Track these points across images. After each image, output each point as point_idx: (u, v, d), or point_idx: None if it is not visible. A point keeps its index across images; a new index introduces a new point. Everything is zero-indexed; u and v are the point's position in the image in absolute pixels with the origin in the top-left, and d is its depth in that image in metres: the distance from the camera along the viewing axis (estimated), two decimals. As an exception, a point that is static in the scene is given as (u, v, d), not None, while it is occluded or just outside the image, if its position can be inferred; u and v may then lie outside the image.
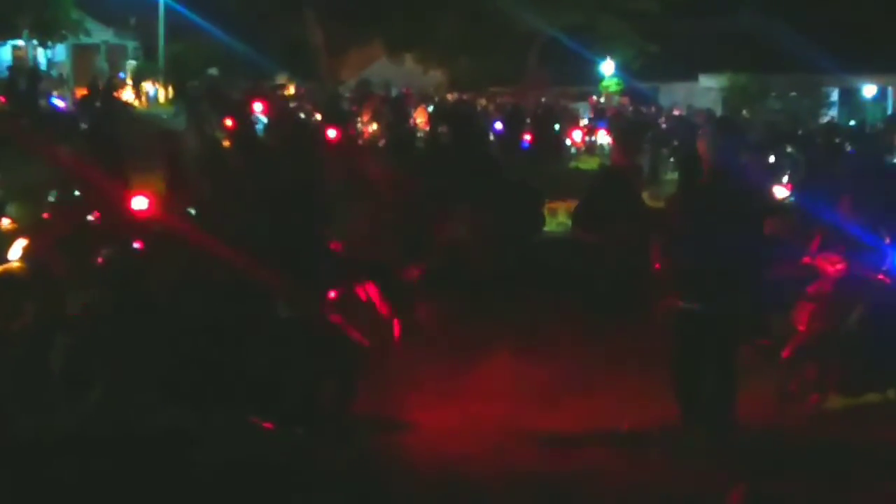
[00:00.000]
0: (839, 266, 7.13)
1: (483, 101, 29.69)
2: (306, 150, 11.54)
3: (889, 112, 34.49)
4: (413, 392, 6.75)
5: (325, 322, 6.32)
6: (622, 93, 35.75)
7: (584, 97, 33.57)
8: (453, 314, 8.18)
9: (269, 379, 6.11)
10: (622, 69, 35.24)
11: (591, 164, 20.96)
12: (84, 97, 24.02)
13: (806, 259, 7.35)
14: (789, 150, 16.92)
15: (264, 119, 19.68)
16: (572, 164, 22.40)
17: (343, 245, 6.89)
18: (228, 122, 16.78)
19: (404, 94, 27.23)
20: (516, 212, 9.86)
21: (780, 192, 10.33)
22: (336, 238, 6.91)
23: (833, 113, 35.17)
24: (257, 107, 20.61)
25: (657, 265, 6.72)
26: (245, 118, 18.12)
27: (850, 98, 37.13)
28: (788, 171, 14.42)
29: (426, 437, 6.24)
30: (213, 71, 30.79)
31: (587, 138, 24.77)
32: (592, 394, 7.02)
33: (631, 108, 30.96)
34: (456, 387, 7.01)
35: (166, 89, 32.01)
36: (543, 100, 29.70)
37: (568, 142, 23.84)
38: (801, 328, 7.05)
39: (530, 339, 7.92)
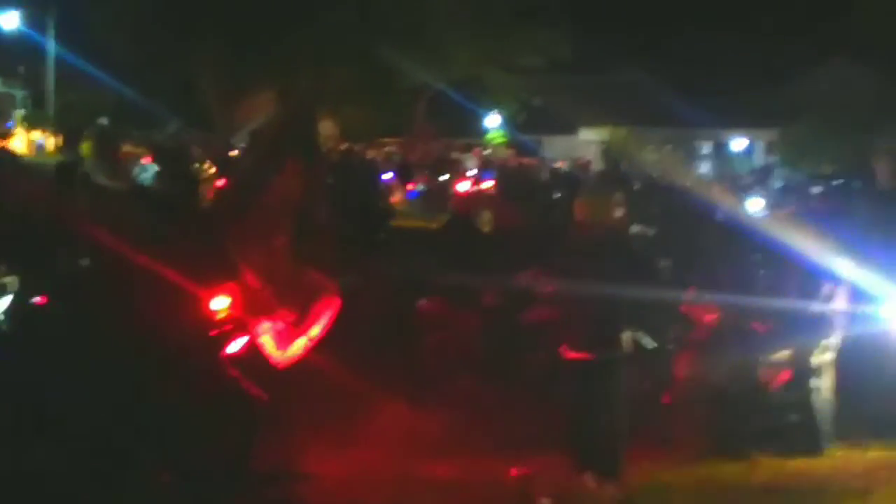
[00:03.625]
0: (713, 315, 7.52)
1: (372, 152, 29.86)
2: (195, 200, 11.39)
3: (756, 164, 36.02)
4: (311, 442, 6.76)
5: (223, 376, 6.29)
6: (507, 145, 36.46)
7: (469, 149, 34.08)
8: (349, 361, 8.19)
9: (167, 432, 6.04)
10: (507, 122, 35.96)
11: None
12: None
13: (683, 307, 7.70)
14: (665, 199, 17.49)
15: (153, 168, 19.29)
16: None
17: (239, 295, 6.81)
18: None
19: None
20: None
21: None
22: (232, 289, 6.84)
23: (705, 165, 36.57)
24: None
25: (543, 315, 6.95)
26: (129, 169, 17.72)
27: (720, 152, 38.70)
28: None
29: (323, 487, 6.29)
30: (104, 120, 30.13)
31: (473, 189, 25.09)
32: (485, 441, 7.15)
33: (517, 161, 31.55)
34: (353, 436, 7.09)
35: (56, 138, 31.19)
36: (432, 151, 30.07)
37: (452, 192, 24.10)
38: (679, 375, 7.41)
39: (424, 386, 8.01)
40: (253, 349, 6.42)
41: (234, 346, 6.36)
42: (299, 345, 6.37)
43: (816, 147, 29.93)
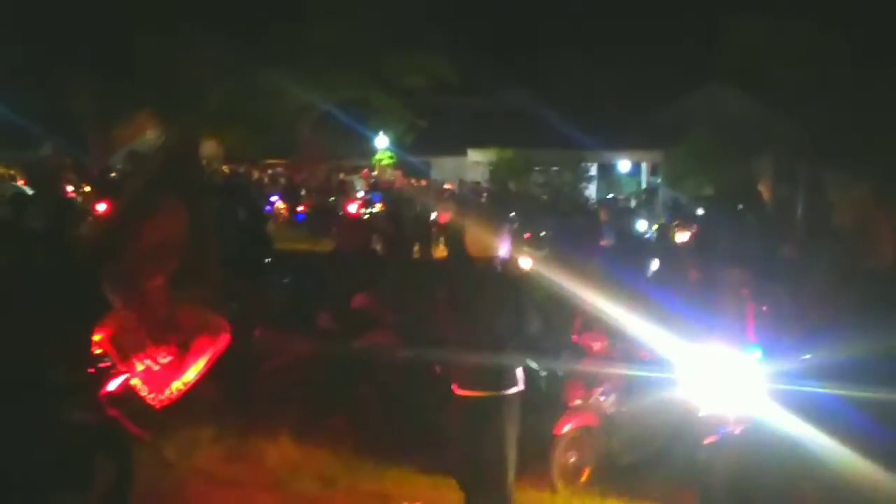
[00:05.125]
0: (602, 343, 7.45)
1: (257, 173, 29.45)
2: (68, 227, 10.95)
3: (643, 186, 36.86)
4: (193, 480, 6.65)
5: (102, 416, 5.99)
6: (395, 166, 36.40)
7: (357, 170, 33.92)
8: (234, 395, 7.98)
9: (42, 472, 5.72)
10: (395, 143, 35.93)
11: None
12: None
13: (574, 337, 7.62)
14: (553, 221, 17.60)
15: (27, 191, 18.68)
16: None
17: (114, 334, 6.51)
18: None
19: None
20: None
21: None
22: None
23: (592, 186, 37.19)
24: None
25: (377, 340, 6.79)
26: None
27: (607, 173, 39.43)
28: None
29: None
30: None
31: (362, 211, 24.98)
32: (379, 474, 7.07)
33: (405, 181, 31.61)
34: (236, 472, 6.92)
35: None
36: (319, 173, 29.83)
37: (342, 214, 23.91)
38: (569, 404, 7.30)
39: (315, 419, 7.85)
40: (130, 388, 6.18)
41: (113, 385, 6.14)
42: (173, 388, 6.15)
43: (697, 169, 30.72)
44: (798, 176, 24.59)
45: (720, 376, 6.51)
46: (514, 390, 6.04)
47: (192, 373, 6.26)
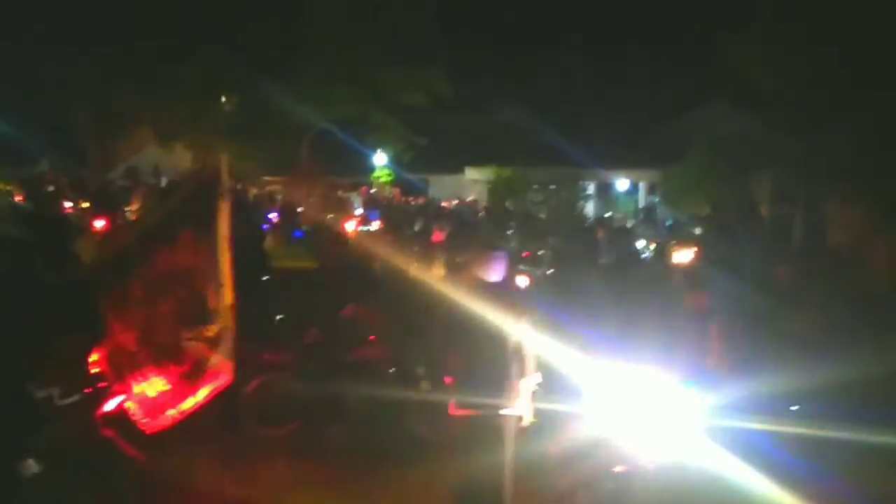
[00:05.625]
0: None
1: (255, 190, 29.37)
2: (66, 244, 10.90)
3: (640, 205, 36.89)
4: (189, 501, 6.68)
5: (97, 436, 5.98)
6: (393, 184, 36.41)
7: (356, 188, 33.90)
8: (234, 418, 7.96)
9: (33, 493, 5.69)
10: (393, 161, 35.96)
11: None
12: None
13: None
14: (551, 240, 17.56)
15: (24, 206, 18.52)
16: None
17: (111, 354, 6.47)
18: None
19: (174, 183, 26.47)
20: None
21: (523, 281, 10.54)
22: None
23: (590, 205, 37.23)
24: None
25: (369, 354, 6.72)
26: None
27: (605, 192, 39.49)
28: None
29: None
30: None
31: (360, 228, 24.93)
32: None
33: (402, 199, 31.62)
34: (233, 492, 6.95)
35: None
36: (317, 190, 29.76)
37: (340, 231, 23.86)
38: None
39: (306, 441, 7.82)
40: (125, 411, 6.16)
41: (109, 406, 6.18)
42: (167, 415, 6.11)
43: (695, 188, 30.73)
44: (795, 195, 24.61)
45: (645, 407, 6.28)
46: (510, 411, 6.03)
47: (189, 403, 6.23)
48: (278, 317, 9.92)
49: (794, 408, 6.41)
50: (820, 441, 5.81)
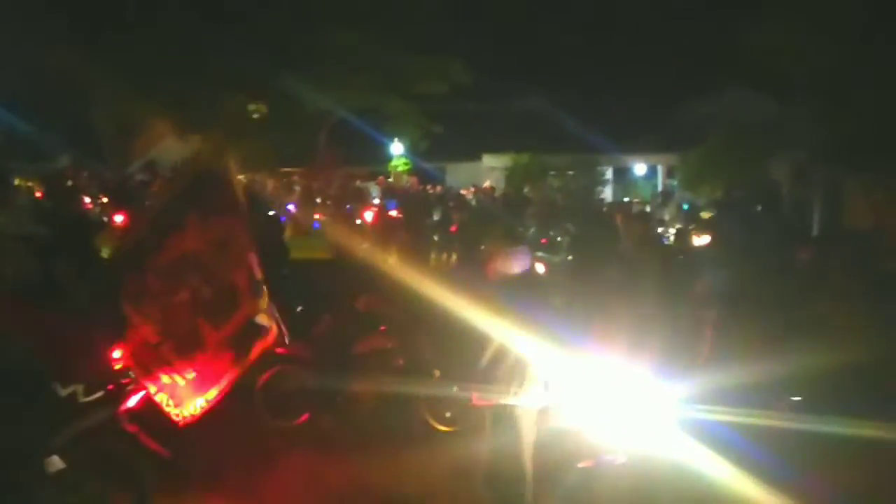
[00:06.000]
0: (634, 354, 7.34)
1: (273, 182, 29.44)
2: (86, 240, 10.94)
3: (658, 188, 36.74)
4: (215, 498, 6.68)
5: (121, 432, 6.03)
6: (410, 172, 36.42)
7: (373, 177, 33.96)
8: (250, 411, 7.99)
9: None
10: (410, 150, 35.96)
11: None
12: None
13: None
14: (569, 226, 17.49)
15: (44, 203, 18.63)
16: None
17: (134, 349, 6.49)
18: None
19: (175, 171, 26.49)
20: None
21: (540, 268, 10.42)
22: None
23: (608, 190, 37.11)
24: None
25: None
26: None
27: (622, 176, 39.35)
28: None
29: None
30: (-9, 154, 28.97)
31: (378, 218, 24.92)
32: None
33: (420, 187, 31.62)
34: (259, 488, 6.96)
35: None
36: (335, 180, 29.85)
37: (359, 221, 23.89)
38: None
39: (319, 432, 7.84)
40: (151, 405, 6.17)
41: (132, 401, 6.20)
42: (196, 405, 6.13)
43: (714, 172, 30.56)
44: (815, 178, 24.43)
45: (614, 401, 6.13)
46: (529, 400, 6.04)
47: (216, 390, 6.24)
48: (298, 308, 9.95)
49: (795, 399, 6.27)
50: (799, 434, 5.67)
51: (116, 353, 6.14)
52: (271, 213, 17.42)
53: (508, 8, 39.18)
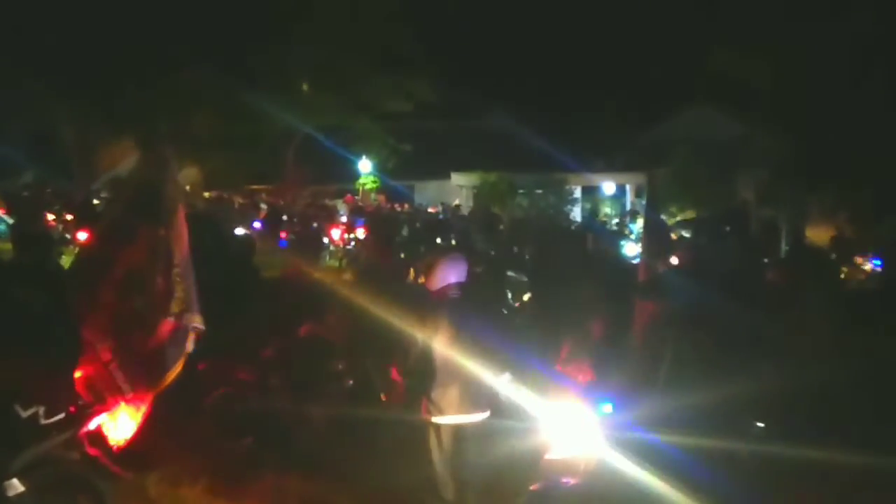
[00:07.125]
0: (587, 375, 7.33)
1: (240, 199, 29.31)
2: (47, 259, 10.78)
3: (627, 207, 36.85)
4: None
5: (83, 454, 5.92)
6: (378, 190, 36.36)
7: (341, 195, 33.88)
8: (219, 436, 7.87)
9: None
10: (378, 168, 35.93)
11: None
12: None
13: (558, 366, 7.49)
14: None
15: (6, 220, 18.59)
16: (330, 261, 22.31)
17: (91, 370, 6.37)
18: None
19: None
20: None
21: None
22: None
23: (577, 208, 37.19)
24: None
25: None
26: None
27: (591, 195, 39.46)
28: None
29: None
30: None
31: (346, 236, 24.84)
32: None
33: (388, 206, 31.58)
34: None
35: None
36: (303, 198, 29.79)
37: (326, 240, 23.78)
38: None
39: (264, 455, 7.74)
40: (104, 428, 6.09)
41: (93, 423, 6.07)
42: (131, 425, 6.05)
43: (681, 191, 30.77)
44: (779, 196, 24.64)
45: (565, 424, 6.09)
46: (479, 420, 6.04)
47: (143, 409, 6.17)
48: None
49: (758, 424, 6.25)
50: (759, 459, 5.67)
51: (77, 375, 6.04)
52: (240, 232, 17.36)
53: (477, 28, 39.40)
